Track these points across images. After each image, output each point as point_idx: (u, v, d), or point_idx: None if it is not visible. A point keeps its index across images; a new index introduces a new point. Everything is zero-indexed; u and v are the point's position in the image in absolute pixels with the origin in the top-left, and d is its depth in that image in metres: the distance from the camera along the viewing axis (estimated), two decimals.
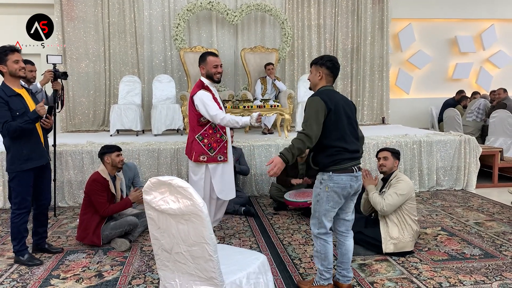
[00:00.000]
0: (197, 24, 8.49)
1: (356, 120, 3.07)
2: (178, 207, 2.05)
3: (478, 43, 10.35)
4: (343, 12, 8.97)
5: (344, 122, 2.92)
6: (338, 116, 2.90)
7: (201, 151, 3.82)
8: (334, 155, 2.89)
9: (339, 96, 3.02)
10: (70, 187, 5.59)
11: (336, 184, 2.89)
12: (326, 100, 2.87)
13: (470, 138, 6.30)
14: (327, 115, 2.87)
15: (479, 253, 3.82)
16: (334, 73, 3.04)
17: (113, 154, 4.17)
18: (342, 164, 2.89)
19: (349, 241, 3.13)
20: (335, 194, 2.92)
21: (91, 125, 8.39)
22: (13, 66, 3.52)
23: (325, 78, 3.03)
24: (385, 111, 9.26)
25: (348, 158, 2.92)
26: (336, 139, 2.89)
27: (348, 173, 2.91)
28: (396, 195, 3.68)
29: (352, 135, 2.96)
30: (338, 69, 3.07)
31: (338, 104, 2.91)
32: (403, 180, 3.77)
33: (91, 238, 4.03)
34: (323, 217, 2.97)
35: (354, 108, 3.09)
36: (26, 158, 3.57)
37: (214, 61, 3.81)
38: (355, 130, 3.00)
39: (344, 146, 2.90)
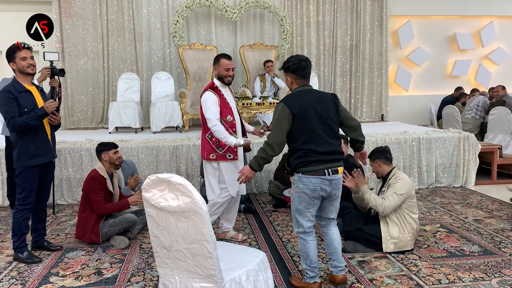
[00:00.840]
0: (195, 21, 8.47)
1: (335, 117, 2.90)
2: (177, 205, 2.05)
3: (477, 40, 10.34)
4: (342, 9, 8.95)
5: (314, 123, 2.82)
6: (305, 118, 2.81)
7: (210, 149, 3.86)
8: (302, 157, 2.84)
9: (312, 95, 2.91)
10: (69, 184, 5.58)
11: (305, 185, 2.84)
12: (290, 104, 2.82)
13: (469, 135, 6.31)
14: (292, 120, 2.81)
15: (478, 250, 3.82)
16: (301, 74, 2.92)
17: (111, 152, 4.16)
18: (310, 166, 2.82)
19: (331, 230, 3.09)
20: (305, 196, 2.86)
21: (89, 123, 8.37)
22: (20, 63, 3.57)
23: (295, 82, 2.96)
24: (384, 108, 9.27)
25: (318, 161, 2.81)
26: (304, 141, 2.83)
27: (318, 176, 2.81)
28: (396, 195, 3.67)
29: (327, 135, 2.85)
30: (305, 68, 2.92)
31: (305, 106, 2.82)
32: (401, 179, 3.74)
33: (89, 236, 4.02)
34: (298, 217, 2.96)
35: (333, 102, 2.93)
36: (33, 155, 3.59)
37: (227, 64, 3.82)
38: (331, 129, 2.87)
39: (313, 148, 2.81)
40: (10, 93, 3.52)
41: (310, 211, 2.92)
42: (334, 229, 3.11)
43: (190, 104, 7.29)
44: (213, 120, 3.72)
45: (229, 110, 3.84)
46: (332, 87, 9.10)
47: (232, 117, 3.86)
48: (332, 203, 3.00)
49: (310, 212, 2.92)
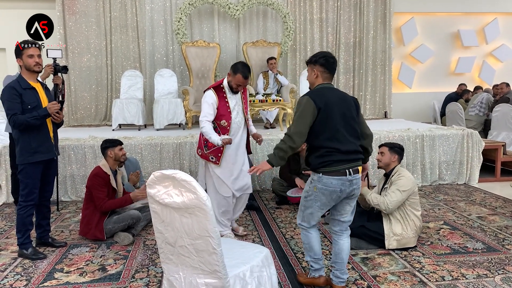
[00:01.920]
0: (198, 18, 8.47)
1: (356, 117, 2.88)
2: (182, 201, 2.06)
3: (481, 37, 10.29)
4: (346, 6, 8.94)
5: (337, 121, 2.77)
6: (329, 115, 2.76)
7: (199, 145, 3.97)
8: (324, 156, 2.77)
9: (335, 93, 2.88)
10: (72, 181, 5.60)
11: (324, 186, 2.77)
12: (316, 99, 2.76)
13: (472, 132, 6.29)
14: (317, 115, 2.75)
15: (481, 247, 3.82)
16: (329, 69, 2.89)
17: (116, 148, 4.17)
18: (332, 166, 2.75)
19: (343, 240, 2.98)
20: (323, 196, 2.80)
21: (93, 120, 8.39)
22: (27, 60, 3.59)
23: (320, 76, 2.90)
24: (387, 105, 9.25)
25: (340, 160, 2.76)
26: (327, 139, 2.76)
27: (340, 176, 2.75)
28: (399, 192, 3.67)
29: (349, 134, 2.80)
30: (333, 64, 2.90)
31: (330, 102, 2.77)
32: (404, 176, 3.74)
33: (93, 233, 4.04)
34: (309, 215, 2.92)
35: (355, 105, 2.91)
36: (34, 151, 3.61)
37: (241, 81, 3.78)
38: (353, 129, 2.83)
39: (336, 147, 2.75)
40: (15, 89, 3.54)
41: (322, 211, 2.88)
42: (346, 239, 2.99)
43: (193, 101, 7.29)
44: (203, 121, 3.78)
45: (226, 115, 3.82)
46: (335, 84, 9.07)
47: (227, 122, 3.83)
48: (349, 202, 2.92)
49: (321, 212, 2.89)
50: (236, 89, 3.86)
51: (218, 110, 3.81)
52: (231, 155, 3.88)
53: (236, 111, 3.89)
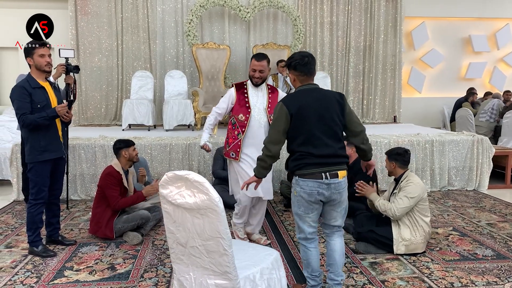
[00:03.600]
0: (209, 20, 8.51)
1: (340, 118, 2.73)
2: (194, 202, 2.07)
3: (492, 42, 10.24)
4: (356, 10, 8.93)
5: (313, 124, 2.67)
6: (303, 119, 2.67)
7: (224, 144, 4.00)
8: (298, 159, 2.71)
9: (313, 94, 2.74)
10: (82, 180, 5.64)
11: (302, 189, 2.71)
12: (289, 104, 2.69)
13: (483, 138, 6.25)
14: (290, 120, 2.68)
15: (491, 254, 3.80)
16: (304, 71, 2.75)
17: (130, 149, 4.21)
18: (305, 168, 2.68)
19: (334, 240, 2.89)
20: (303, 200, 2.73)
21: (103, 119, 8.45)
22: (38, 60, 3.63)
23: (297, 79, 2.80)
24: (396, 109, 9.22)
25: (315, 163, 2.67)
26: (301, 143, 2.69)
27: (315, 179, 2.66)
28: (407, 199, 3.65)
29: (327, 137, 2.68)
30: (307, 64, 2.74)
31: (304, 106, 2.67)
32: (412, 182, 3.72)
33: (104, 231, 4.07)
34: (299, 221, 2.84)
35: (339, 103, 2.74)
36: (43, 150, 3.64)
37: (254, 65, 3.73)
38: (332, 131, 2.70)
39: (309, 151, 2.66)
40: (24, 88, 3.56)
41: (310, 216, 2.78)
42: (337, 239, 2.90)
43: (202, 103, 7.32)
44: (211, 113, 3.95)
45: (243, 109, 3.77)
46: (345, 88, 9.08)
47: (245, 116, 3.76)
48: (334, 208, 2.80)
49: (310, 217, 2.78)
50: (254, 77, 3.76)
51: (235, 104, 3.81)
52: (254, 153, 3.70)
53: (257, 108, 3.79)
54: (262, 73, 3.77)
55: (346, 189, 2.79)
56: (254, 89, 3.84)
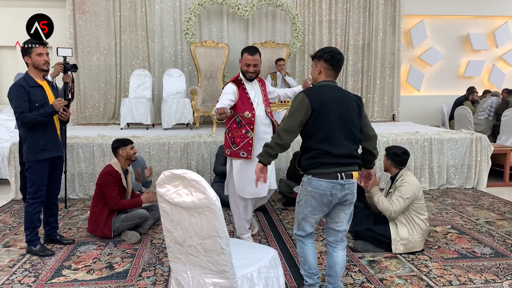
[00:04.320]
0: (208, 18, 8.49)
1: (358, 119, 2.70)
2: (191, 200, 2.06)
3: (491, 40, 10.22)
4: (355, 8, 8.91)
5: (333, 122, 2.60)
6: (324, 115, 2.60)
7: (227, 144, 3.81)
8: (314, 157, 2.62)
9: (335, 92, 2.69)
10: (80, 179, 5.64)
11: (314, 189, 2.62)
12: (311, 97, 2.61)
13: (481, 137, 6.25)
14: (310, 114, 2.61)
15: (489, 252, 3.80)
16: (334, 65, 2.71)
17: (128, 147, 4.20)
18: (321, 168, 2.61)
19: (337, 253, 2.82)
20: (313, 200, 2.65)
21: (101, 118, 8.44)
22: (36, 58, 3.62)
23: (324, 72, 2.73)
24: (395, 108, 9.22)
25: (331, 163, 2.60)
26: (319, 141, 2.62)
27: (330, 179, 2.59)
28: (402, 199, 3.66)
29: (344, 137, 2.62)
30: (338, 61, 2.72)
31: (327, 102, 2.61)
32: (407, 182, 3.71)
33: (102, 230, 4.07)
34: (302, 221, 2.77)
35: (358, 105, 2.71)
36: (42, 149, 3.64)
37: (248, 59, 3.67)
38: (350, 132, 2.65)
39: (327, 149, 2.59)
40: (22, 87, 3.56)
41: (315, 217, 2.72)
42: (341, 252, 2.82)
43: (201, 101, 7.31)
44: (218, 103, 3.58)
45: (248, 106, 3.69)
46: (343, 86, 9.06)
47: (251, 113, 3.68)
48: (344, 210, 2.74)
49: (314, 218, 2.73)
50: (248, 72, 3.69)
51: (239, 100, 3.68)
52: (256, 148, 3.62)
53: (256, 102, 3.75)
54: (256, 67, 3.72)
55: (356, 191, 2.74)
56: (249, 84, 3.78)
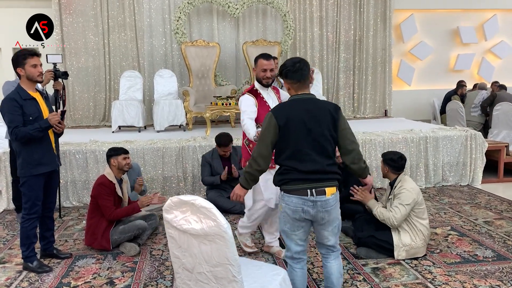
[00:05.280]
0: (197, 17, 8.37)
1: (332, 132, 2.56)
2: (201, 228, 2.00)
3: (480, 33, 10.26)
4: (345, 4, 8.87)
5: (301, 138, 2.52)
6: (291, 131, 2.52)
7: (247, 156, 3.67)
8: (283, 174, 2.58)
9: (306, 106, 2.57)
10: (74, 187, 5.52)
11: (287, 205, 2.56)
12: (278, 114, 2.55)
13: (476, 134, 6.26)
14: (278, 132, 2.54)
15: (491, 255, 3.80)
16: (295, 78, 2.60)
17: (120, 157, 4.10)
18: (291, 184, 2.54)
19: (330, 263, 2.74)
20: (288, 216, 2.58)
21: (91, 121, 8.30)
22: (30, 70, 3.50)
23: (292, 88, 2.66)
24: (387, 103, 9.21)
25: (300, 179, 2.52)
26: (287, 157, 2.55)
27: (300, 196, 2.51)
28: (403, 207, 3.64)
29: (315, 153, 2.52)
30: (297, 71, 2.59)
31: (293, 118, 2.53)
32: (405, 188, 3.68)
33: (100, 242, 3.98)
34: (286, 239, 2.69)
35: (332, 118, 2.56)
36: (37, 163, 3.54)
37: (264, 64, 3.57)
38: (321, 146, 2.53)
39: (295, 166, 2.52)
40: (15, 101, 3.45)
41: (296, 234, 2.62)
42: (334, 261, 2.74)
43: (193, 102, 7.22)
44: (243, 119, 3.49)
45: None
46: (335, 83, 9.04)
47: None
48: (324, 228, 2.63)
49: (296, 235, 2.62)
50: (265, 78, 3.59)
51: (259, 110, 3.55)
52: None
53: None
54: (272, 72, 3.61)
55: (336, 207, 2.62)
56: (265, 92, 3.66)
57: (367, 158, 5.87)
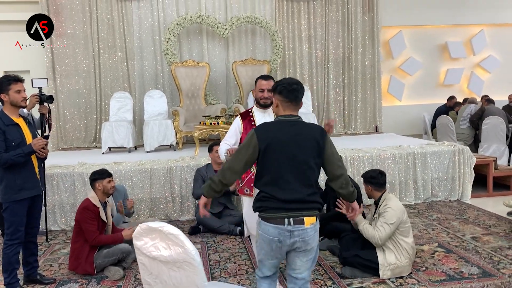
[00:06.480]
0: (187, 37, 8.45)
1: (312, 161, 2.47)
2: (169, 254, 2.00)
3: (468, 48, 10.38)
4: (333, 22, 8.96)
5: (282, 164, 2.42)
6: (272, 156, 2.43)
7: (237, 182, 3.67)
8: (262, 200, 2.46)
9: (291, 129, 2.49)
10: (62, 210, 5.51)
11: (263, 233, 2.46)
12: (261, 136, 2.46)
13: (463, 148, 6.29)
14: (258, 154, 2.46)
15: (477, 272, 3.79)
16: (289, 97, 2.53)
17: (105, 181, 4.10)
18: (268, 212, 2.43)
19: None
20: (264, 244, 2.47)
21: (82, 142, 8.30)
22: (15, 96, 3.53)
23: (280, 106, 2.57)
24: (378, 119, 9.25)
25: (278, 208, 2.41)
26: (267, 183, 2.45)
27: (277, 225, 2.40)
28: (387, 225, 3.63)
29: (296, 180, 2.43)
30: (294, 91, 2.54)
31: (276, 142, 2.44)
32: (390, 207, 3.68)
33: (84, 267, 3.96)
34: (260, 263, 2.62)
35: (317, 144, 2.47)
36: (20, 188, 3.54)
37: (262, 84, 3.56)
38: (303, 174, 2.44)
39: (273, 193, 2.41)
40: None
41: (271, 261, 2.54)
42: None
43: (183, 122, 7.25)
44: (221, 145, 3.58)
45: None
46: (325, 100, 9.09)
47: None
48: (298, 256, 2.49)
49: (270, 262, 2.54)
50: (262, 98, 3.56)
51: (243, 134, 3.55)
52: None
53: None
54: (270, 92, 3.52)
55: (314, 238, 2.49)
56: (262, 113, 3.61)
57: (356, 176, 5.86)
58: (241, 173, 2.58)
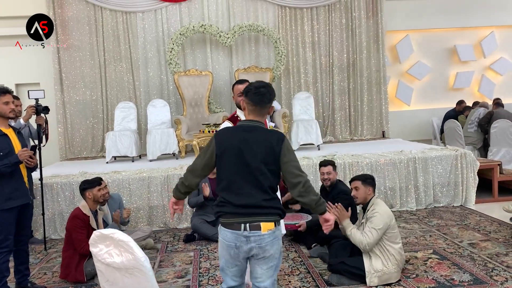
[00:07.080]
0: (191, 47, 8.55)
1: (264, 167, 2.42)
2: (121, 261, 2.02)
3: (478, 51, 10.18)
4: (337, 28, 8.93)
5: (235, 170, 2.42)
6: (227, 162, 2.45)
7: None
8: (220, 206, 2.47)
9: (247, 135, 2.46)
10: (62, 219, 5.59)
11: (222, 239, 2.45)
12: (219, 141, 2.48)
13: (466, 153, 6.14)
14: (215, 159, 2.49)
15: (468, 279, 3.68)
16: (254, 101, 2.50)
17: (94, 189, 4.16)
18: (225, 217, 2.44)
19: None
20: (223, 251, 2.46)
21: (89, 152, 8.45)
22: (3, 107, 3.62)
23: (246, 109, 2.55)
24: (384, 124, 9.14)
25: (234, 213, 2.41)
26: (223, 188, 2.47)
27: (234, 230, 2.39)
28: (375, 231, 3.58)
29: (250, 186, 2.41)
30: (259, 95, 2.49)
31: (231, 148, 2.44)
32: (378, 212, 3.63)
33: (74, 275, 4.01)
34: (222, 272, 2.55)
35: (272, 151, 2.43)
36: (7, 198, 3.60)
37: (238, 89, 3.53)
38: (256, 180, 2.41)
39: (228, 199, 2.43)
40: None
41: (231, 270, 2.49)
42: None
43: (186, 130, 7.31)
44: None
45: None
46: (331, 106, 9.04)
47: None
48: (258, 264, 2.46)
49: (231, 271, 2.50)
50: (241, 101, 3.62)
51: None
52: None
53: None
54: None
55: (273, 244, 2.43)
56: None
57: None
58: (202, 176, 2.58)
